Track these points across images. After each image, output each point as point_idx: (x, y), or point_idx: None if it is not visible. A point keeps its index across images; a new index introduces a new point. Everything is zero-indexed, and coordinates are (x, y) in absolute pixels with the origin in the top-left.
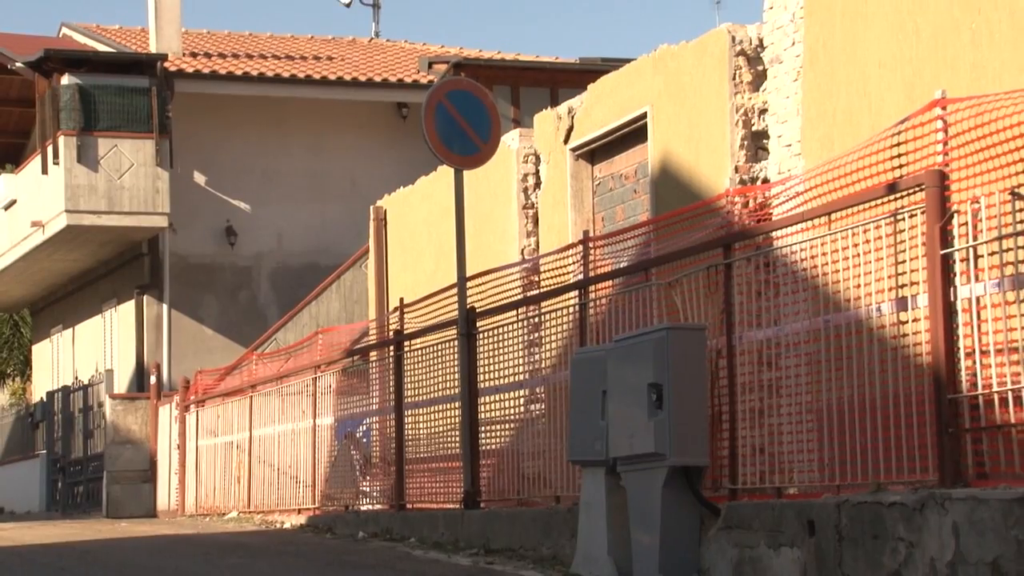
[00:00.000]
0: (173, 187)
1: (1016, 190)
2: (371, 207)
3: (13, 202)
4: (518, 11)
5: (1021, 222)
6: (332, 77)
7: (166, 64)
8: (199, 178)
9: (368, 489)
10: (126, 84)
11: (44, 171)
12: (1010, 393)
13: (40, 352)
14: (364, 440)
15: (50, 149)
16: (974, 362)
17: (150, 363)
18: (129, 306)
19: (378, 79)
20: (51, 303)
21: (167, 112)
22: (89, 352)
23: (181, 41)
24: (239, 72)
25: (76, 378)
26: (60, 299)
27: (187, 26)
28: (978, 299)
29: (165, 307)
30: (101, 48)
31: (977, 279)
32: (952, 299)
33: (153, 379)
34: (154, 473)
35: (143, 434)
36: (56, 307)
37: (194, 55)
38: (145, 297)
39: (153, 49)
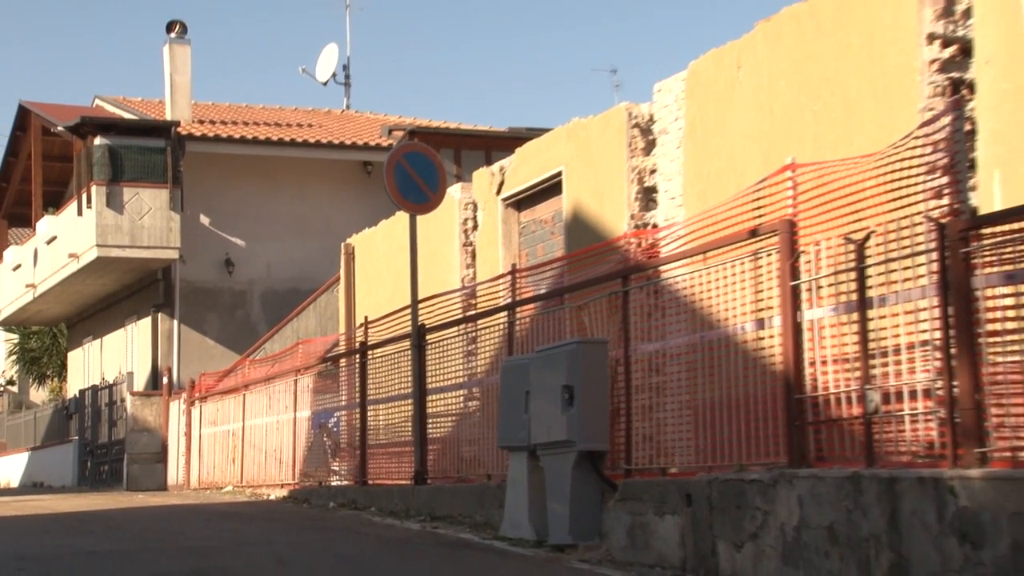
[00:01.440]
0: (183, 227)
1: (848, 236)
2: (342, 244)
3: (54, 238)
4: (461, 87)
5: (851, 260)
6: (312, 140)
7: (179, 129)
8: (204, 219)
9: (337, 468)
10: (146, 145)
11: (79, 213)
12: (842, 394)
13: (74, 358)
14: (334, 429)
15: (84, 196)
16: (815, 370)
17: (163, 367)
18: (147, 321)
19: (348, 142)
20: (83, 318)
21: (179, 167)
22: (114, 358)
23: (191, 110)
24: (237, 136)
25: (103, 379)
26: (91, 315)
27: (196, 99)
28: (818, 320)
29: (176, 322)
30: (126, 116)
31: (818, 305)
32: (799, 321)
33: (165, 380)
34: (165, 455)
35: (157, 424)
36: (87, 322)
37: (201, 122)
38: (160, 314)
39: (168, 117)
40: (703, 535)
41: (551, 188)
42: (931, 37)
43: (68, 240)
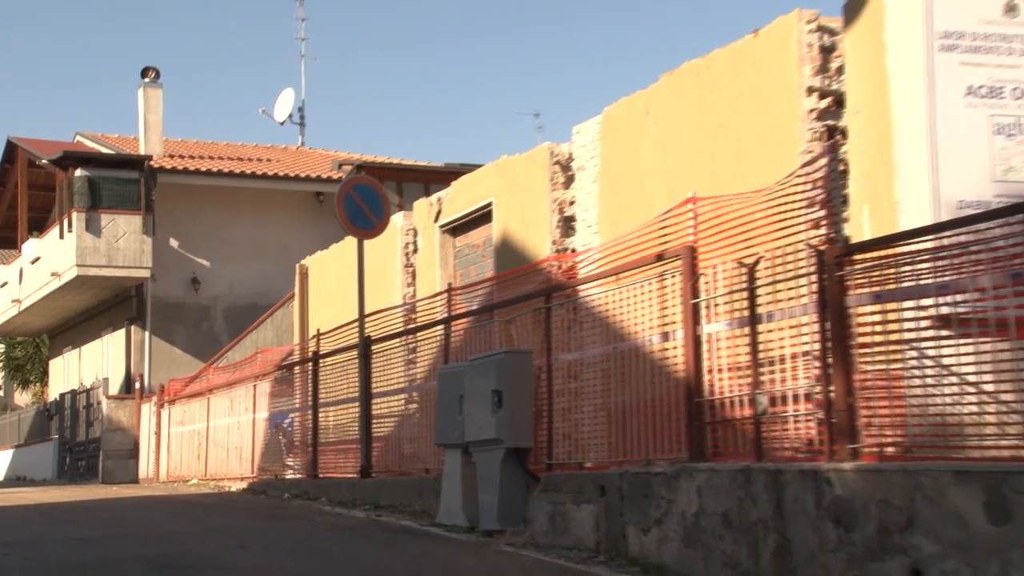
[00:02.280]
0: (154, 249)
1: (740, 260)
2: (297, 264)
3: (38, 258)
4: (404, 127)
5: (743, 282)
6: (270, 173)
7: (151, 162)
8: (173, 242)
9: (291, 463)
10: (122, 176)
11: (61, 236)
12: (736, 398)
13: (55, 365)
14: (289, 429)
15: (66, 221)
16: (712, 377)
17: (135, 373)
18: (121, 332)
19: (303, 175)
20: (64, 330)
21: (151, 196)
22: (91, 365)
23: (163, 146)
24: (204, 169)
25: (81, 384)
26: (71, 327)
27: (167, 136)
28: (715, 334)
29: (147, 334)
30: (104, 150)
31: (715, 320)
32: (698, 334)
33: (137, 385)
34: (137, 452)
35: (130, 424)
36: (68, 333)
37: (172, 156)
38: (133, 326)
39: (142, 151)
40: (615, 521)
41: (482, 217)
42: (810, 90)
43: (51, 260)
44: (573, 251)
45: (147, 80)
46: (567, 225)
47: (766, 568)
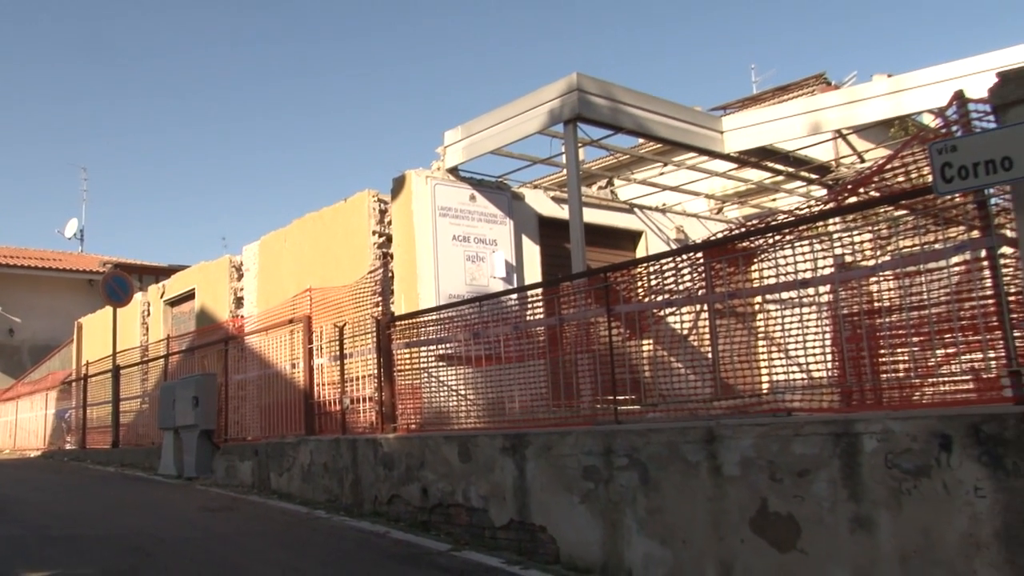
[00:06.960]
0: None
1: (336, 324)
2: (76, 321)
3: None
4: (144, 238)
5: (337, 335)
6: (61, 267)
7: None
8: None
9: (69, 440)
10: None
11: None
12: (333, 399)
13: None
14: (68, 418)
15: None
16: (320, 388)
17: None
18: None
19: (81, 269)
20: None
21: None
22: None
23: None
24: (19, 264)
25: None
26: None
27: None
28: (321, 364)
29: None
30: None
31: (320, 357)
32: (312, 364)
33: None
34: None
35: None
36: None
37: None
38: None
39: None
40: (263, 470)
41: (190, 296)
42: (374, 232)
43: None
44: (242, 317)
45: None
46: (239, 302)
47: (347, 493)
